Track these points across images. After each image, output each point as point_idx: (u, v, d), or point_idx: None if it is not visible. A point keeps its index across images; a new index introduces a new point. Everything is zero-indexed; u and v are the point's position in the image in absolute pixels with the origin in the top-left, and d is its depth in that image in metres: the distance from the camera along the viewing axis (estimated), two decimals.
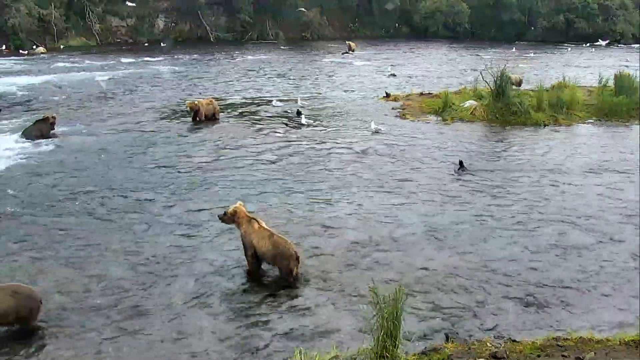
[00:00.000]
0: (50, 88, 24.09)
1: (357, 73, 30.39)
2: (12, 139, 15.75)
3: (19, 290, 6.99)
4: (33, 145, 15.23)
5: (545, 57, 40.55)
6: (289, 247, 8.24)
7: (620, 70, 21.29)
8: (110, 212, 10.73)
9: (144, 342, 6.84)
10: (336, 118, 19.14)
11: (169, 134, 16.71)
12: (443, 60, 37.52)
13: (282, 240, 8.32)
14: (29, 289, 7.12)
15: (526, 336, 6.79)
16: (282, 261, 8.23)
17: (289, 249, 8.22)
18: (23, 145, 15.27)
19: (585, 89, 21.84)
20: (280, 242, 8.28)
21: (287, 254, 8.18)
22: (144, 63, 32.99)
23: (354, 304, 7.59)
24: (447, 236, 9.84)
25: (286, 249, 8.21)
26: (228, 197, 11.48)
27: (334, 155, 14.70)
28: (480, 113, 18.88)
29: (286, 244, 8.28)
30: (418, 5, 56.89)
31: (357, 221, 10.42)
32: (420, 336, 6.87)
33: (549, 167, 13.89)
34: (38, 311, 7.04)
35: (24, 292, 6.99)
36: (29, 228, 9.98)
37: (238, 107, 21.00)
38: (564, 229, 10.16)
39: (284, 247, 8.21)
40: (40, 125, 16.06)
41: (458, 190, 12.15)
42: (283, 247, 8.21)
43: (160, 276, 8.36)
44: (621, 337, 6.53)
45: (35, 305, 6.99)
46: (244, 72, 30.42)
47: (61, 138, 16.01)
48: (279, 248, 8.21)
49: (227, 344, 6.81)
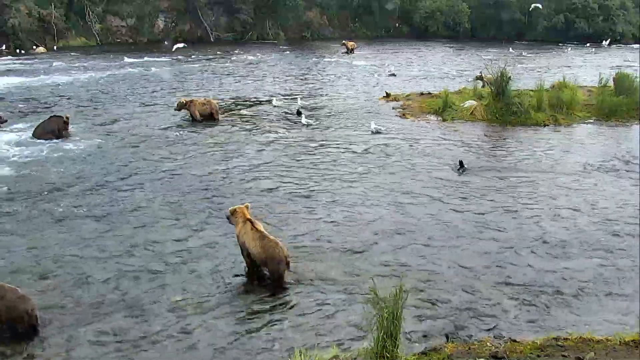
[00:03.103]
0: (50, 88, 24.08)
1: (357, 73, 30.38)
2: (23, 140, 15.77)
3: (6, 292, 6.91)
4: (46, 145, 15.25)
5: (545, 57, 40.52)
6: (279, 251, 8.05)
7: (620, 70, 21.30)
8: (109, 212, 10.73)
9: (144, 342, 6.84)
10: (336, 118, 19.14)
11: (169, 135, 16.71)
12: (443, 60, 37.49)
13: (272, 244, 8.11)
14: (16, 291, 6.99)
15: (526, 336, 6.79)
16: (271, 265, 8.09)
17: (278, 253, 8.03)
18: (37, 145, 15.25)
19: (585, 89, 21.84)
20: (271, 245, 8.08)
21: (277, 258, 8.02)
22: (145, 63, 32.96)
23: (354, 304, 7.59)
24: (447, 236, 9.84)
25: (276, 252, 8.02)
26: (228, 197, 11.50)
27: (333, 155, 14.70)
28: (480, 113, 18.88)
29: (277, 247, 8.08)
30: (418, 5, 56.83)
31: (357, 221, 10.41)
32: (420, 336, 6.88)
33: (549, 167, 13.90)
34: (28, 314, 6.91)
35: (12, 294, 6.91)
36: (31, 227, 10.00)
37: (238, 107, 21.00)
38: (565, 229, 10.16)
39: (273, 251, 8.03)
40: (53, 125, 16.04)
41: (458, 190, 12.15)
42: (272, 251, 8.03)
43: (160, 276, 8.36)
44: (621, 337, 6.52)
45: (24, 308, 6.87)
46: (244, 72, 30.40)
47: (72, 139, 16.02)
48: (268, 251, 8.06)
49: (227, 344, 6.81)
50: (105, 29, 44.91)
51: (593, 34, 53.42)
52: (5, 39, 38.75)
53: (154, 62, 33.67)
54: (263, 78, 28.28)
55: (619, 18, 55.59)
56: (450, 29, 55.42)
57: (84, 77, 27.08)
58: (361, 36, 52.45)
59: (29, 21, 39.72)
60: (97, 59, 34.04)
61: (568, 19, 54.39)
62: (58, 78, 26.72)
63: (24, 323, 6.86)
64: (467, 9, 55.24)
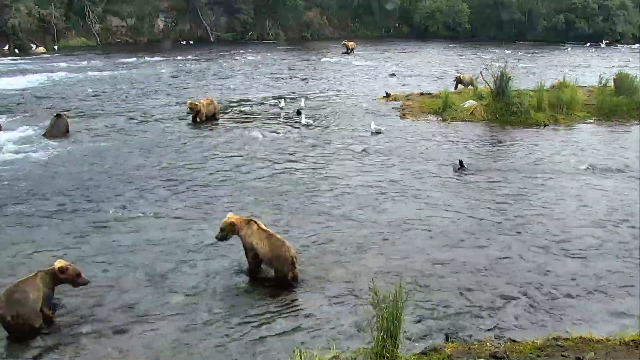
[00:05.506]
0: (50, 88, 24.09)
1: (357, 73, 30.39)
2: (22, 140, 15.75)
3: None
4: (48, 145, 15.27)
5: (545, 57, 40.53)
6: (285, 250, 8.10)
7: (621, 70, 21.31)
8: (109, 212, 10.73)
9: (144, 342, 6.83)
10: (336, 118, 19.14)
11: (170, 135, 16.71)
12: (443, 60, 37.50)
13: (279, 243, 8.18)
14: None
15: (526, 336, 6.78)
16: (277, 263, 8.12)
17: (285, 252, 8.07)
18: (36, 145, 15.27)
19: (585, 89, 21.86)
20: (278, 244, 8.15)
21: (283, 258, 8.06)
22: (145, 63, 32.99)
23: (354, 304, 7.59)
24: (448, 236, 9.84)
25: (282, 252, 8.07)
26: (228, 198, 11.50)
27: (333, 155, 14.70)
28: (480, 113, 18.90)
29: (283, 246, 8.14)
30: (418, 5, 56.87)
31: (356, 221, 10.41)
32: (420, 336, 6.87)
33: (549, 166, 13.90)
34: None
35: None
36: (32, 226, 10.00)
37: (238, 107, 21.01)
38: (565, 229, 10.16)
39: (280, 250, 8.09)
40: (62, 124, 16.13)
41: (458, 190, 12.15)
42: (279, 250, 8.09)
43: (160, 276, 8.36)
44: (621, 337, 6.52)
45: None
46: (244, 72, 30.42)
47: (73, 138, 16.04)
48: (275, 251, 8.11)
49: (227, 344, 6.80)
50: (105, 29, 44.94)
51: (593, 34, 53.49)
52: (5, 39, 38.78)
53: (154, 62, 33.69)
54: (263, 78, 28.28)
55: (619, 18, 55.64)
56: (450, 29, 55.47)
57: (84, 77, 27.10)
58: (361, 36, 52.52)
59: (29, 21, 39.74)
60: (97, 59, 34.07)
61: (568, 19, 54.46)
62: (58, 78, 26.74)
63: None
64: (467, 9, 55.32)
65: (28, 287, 6.98)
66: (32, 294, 6.95)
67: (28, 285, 7.01)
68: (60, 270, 7.27)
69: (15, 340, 6.86)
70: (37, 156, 14.28)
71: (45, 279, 7.17)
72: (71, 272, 7.37)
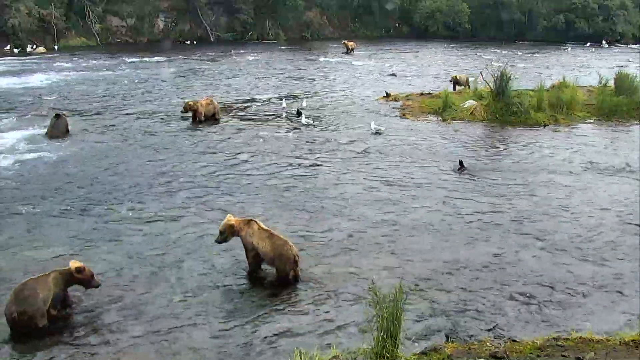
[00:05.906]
0: (50, 88, 24.08)
1: (357, 73, 30.37)
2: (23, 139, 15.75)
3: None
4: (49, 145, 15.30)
5: (545, 57, 40.53)
6: (288, 249, 8.10)
7: (621, 70, 21.30)
8: (108, 212, 10.73)
9: (144, 342, 6.84)
10: (336, 118, 19.14)
11: (170, 135, 16.71)
12: (443, 60, 37.48)
13: (281, 242, 8.18)
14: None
15: (526, 336, 6.79)
16: (279, 263, 8.12)
17: (287, 251, 8.08)
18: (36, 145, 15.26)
19: (585, 89, 21.84)
20: (280, 244, 8.16)
21: (286, 257, 8.06)
22: (145, 63, 32.98)
23: (354, 304, 7.59)
24: (448, 236, 9.84)
25: (285, 251, 8.08)
26: (228, 196, 11.50)
27: (333, 155, 14.71)
28: (480, 113, 18.89)
29: (286, 245, 8.15)
30: (418, 5, 56.82)
31: (356, 221, 10.42)
32: (420, 336, 6.87)
33: (549, 166, 13.90)
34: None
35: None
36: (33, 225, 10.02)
37: (238, 107, 21.01)
38: (565, 229, 10.16)
39: (282, 249, 8.09)
40: (63, 124, 16.14)
41: (458, 190, 12.15)
42: (282, 249, 8.09)
43: (160, 276, 8.37)
44: (621, 337, 6.52)
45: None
46: (244, 72, 30.40)
47: (74, 138, 16.03)
48: (277, 250, 8.12)
49: (227, 344, 6.80)
50: (105, 29, 44.89)
51: (593, 34, 53.42)
52: (5, 39, 38.77)
53: (154, 62, 33.68)
54: (263, 78, 28.27)
55: (619, 18, 55.58)
56: (450, 29, 55.40)
57: (84, 77, 27.08)
58: (361, 36, 52.46)
59: (29, 21, 39.71)
60: (97, 59, 34.04)
61: (568, 19, 54.39)
62: (58, 78, 26.72)
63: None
64: (467, 9, 55.24)
65: (39, 286, 6.99)
66: (42, 293, 6.96)
67: (39, 284, 7.02)
68: (77, 270, 7.27)
69: (19, 338, 6.86)
70: (39, 156, 14.28)
71: (57, 279, 7.18)
72: (87, 273, 7.40)
